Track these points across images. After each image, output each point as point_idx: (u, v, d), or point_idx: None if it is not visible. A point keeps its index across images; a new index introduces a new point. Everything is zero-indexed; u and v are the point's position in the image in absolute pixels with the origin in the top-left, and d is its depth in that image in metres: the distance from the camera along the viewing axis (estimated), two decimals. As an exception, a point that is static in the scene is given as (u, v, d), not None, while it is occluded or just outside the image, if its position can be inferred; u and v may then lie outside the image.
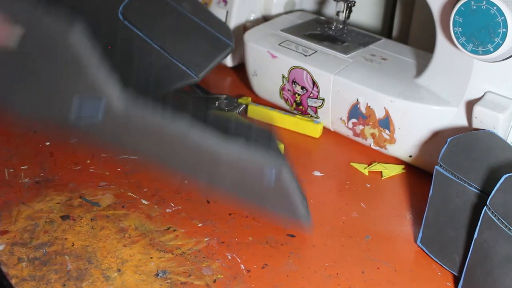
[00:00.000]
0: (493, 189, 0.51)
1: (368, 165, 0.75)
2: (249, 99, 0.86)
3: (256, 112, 0.83)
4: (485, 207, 0.52)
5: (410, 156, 0.74)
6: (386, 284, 0.57)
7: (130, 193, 0.68)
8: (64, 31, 0.49)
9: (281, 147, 0.75)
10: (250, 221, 0.64)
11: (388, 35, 0.98)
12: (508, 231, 0.49)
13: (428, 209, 0.60)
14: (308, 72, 0.79)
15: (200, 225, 0.64)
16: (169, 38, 0.83)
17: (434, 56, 0.71)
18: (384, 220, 0.66)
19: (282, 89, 0.83)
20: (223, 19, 0.93)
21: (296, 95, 0.82)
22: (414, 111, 0.71)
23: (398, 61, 0.79)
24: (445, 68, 0.69)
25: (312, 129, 0.80)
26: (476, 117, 0.64)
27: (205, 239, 0.62)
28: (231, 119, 0.61)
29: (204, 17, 0.85)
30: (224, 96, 0.86)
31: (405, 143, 0.73)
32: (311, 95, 0.80)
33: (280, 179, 0.53)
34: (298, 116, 0.81)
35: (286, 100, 0.84)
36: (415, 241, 0.63)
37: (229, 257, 0.60)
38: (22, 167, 0.71)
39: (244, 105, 0.84)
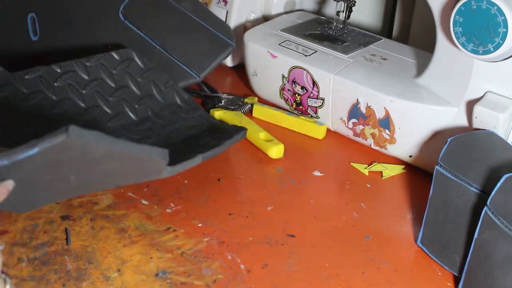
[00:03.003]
0: (493, 189, 0.51)
1: (368, 165, 0.75)
2: (255, 99, 0.86)
3: (261, 112, 0.83)
4: (485, 207, 0.51)
5: (410, 156, 0.74)
6: (386, 284, 0.57)
7: (130, 193, 0.68)
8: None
9: (281, 147, 0.75)
10: (250, 221, 0.64)
11: (388, 35, 0.98)
12: (508, 231, 0.49)
13: (428, 209, 0.60)
14: (308, 72, 0.79)
15: (200, 225, 0.64)
16: (170, 37, 0.83)
17: (434, 56, 0.70)
18: (384, 220, 0.66)
19: (282, 89, 0.83)
20: (223, 19, 0.93)
21: (296, 95, 0.82)
22: (414, 111, 0.71)
23: (398, 61, 0.79)
24: (445, 68, 0.69)
25: (316, 131, 0.79)
26: (476, 117, 0.64)
27: (205, 239, 0.62)
28: None
29: (205, 16, 0.85)
30: (231, 95, 0.86)
31: (405, 143, 0.73)
32: (311, 95, 0.80)
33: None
34: (302, 117, 0.81)
35: (286, 100, 0.84)
36: (415, 241, 0.63)
37: (229, 257, 0.60)
38: (22, 167, 0.71)
39: (249, 105, 0.85)
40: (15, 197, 0.45)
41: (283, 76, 0.82)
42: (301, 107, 0.82)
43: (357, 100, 0.75)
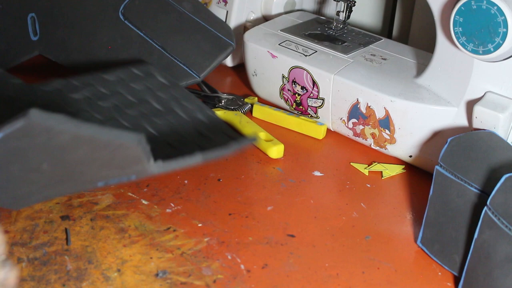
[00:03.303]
0: (493, 189, 0.51)
1: (368, 165, 0.75)
2: (255, 99, 0.86)
3: (261, 112, 0.83)
4: (485, 207, 0.51)
5: (410, 156, 0.74)
6: (386, 284, 0.57)
7: (130, 193, 0.68)
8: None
9: (281, 147, 0.75)
10: (250, 221, 0.64)
11: (388, 35, 0.98)
12: (508, 231, 0.49)
13: (428, 209, 0.60)
14: (308, 72, 0.79)
15: (200, 225, 0.64)
16: (170, 37, 0.83)
17: (434, 56, 0.71)
18: (384, 220, 0.66)
19: (282, 89, 0.83)
20: (223, 19, 0.93)
21: (296, 95, 0.82)
22: (414, 111, 0.71)
23: (398, 61, 0.79)
24: (445, 68, 0.69)
25: (316, 131, 0.79)
26: (476, 117, 0.64)
27: (205, 239, 0.62)
28: None
29: (205, 16, 0.85)
30: (231, 95, 0.86)
31: (405, 143, 0.73)
32: (311, 95, 0.80)
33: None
34: (302, 117, 0.81)
35: (286, 100, 0.84)
36: (415, 241, 0.63)
37: (229, 257, 0.60)
38: (22, 167, 0.71)
39: (249, 105, 0.85)
40: None
41: (283, 76, 0.82)
42: (301, 107, 0.82)
43: (357, 100, 0.75)
